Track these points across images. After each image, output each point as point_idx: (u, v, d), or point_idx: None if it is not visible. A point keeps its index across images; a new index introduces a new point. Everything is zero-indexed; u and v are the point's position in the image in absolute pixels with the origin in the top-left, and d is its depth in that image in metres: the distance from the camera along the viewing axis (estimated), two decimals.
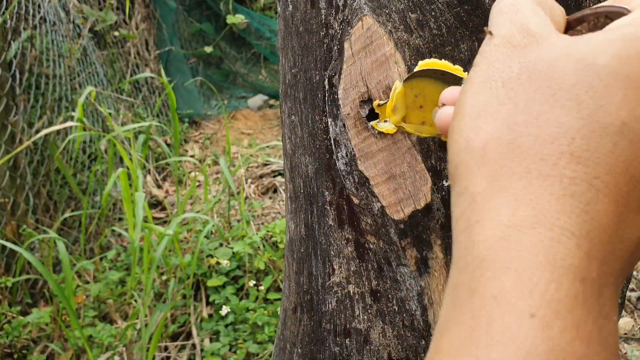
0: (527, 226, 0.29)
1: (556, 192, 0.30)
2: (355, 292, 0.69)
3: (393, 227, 0.65)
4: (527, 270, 0.28)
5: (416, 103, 0.61)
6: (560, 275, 0.28)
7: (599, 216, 0.30)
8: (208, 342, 2.27)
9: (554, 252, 0.28)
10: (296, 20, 0.72)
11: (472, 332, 0.28)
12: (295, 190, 0.76)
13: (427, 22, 0.63)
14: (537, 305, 0.27)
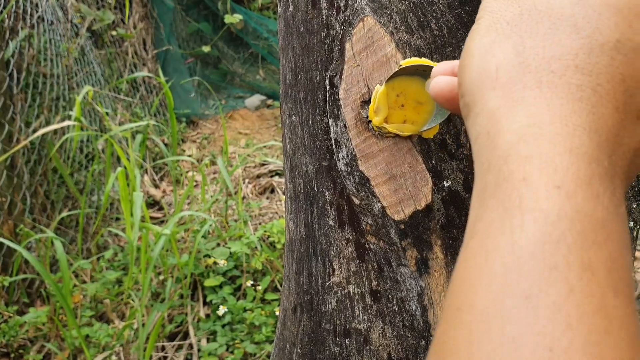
0: (545, 123, 0.33)
1: (566, 97, 0.34)
2: (356, 292, 0.69)
3: (393, 227, 0.65)
4: (549, 156, 0.32)
5: (398, 102, 0.63)
6: (578, 159, 0.32)
7: (604, 117, 0.34)
8: (205, 342, 2.27)
9: (571, 142, 0.32)
10: (297, 21, 0.72)
11: (505, 210, 0.31)
12: (295, 191, 0.76)
13: (428, 23, 0.63)
14: (561, 180, 0.31)
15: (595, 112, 0.34)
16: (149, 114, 3.99)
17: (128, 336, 2.20)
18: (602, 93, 0.34)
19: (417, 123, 0.62)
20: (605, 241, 0.30)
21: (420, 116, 0.62)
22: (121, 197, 2.27)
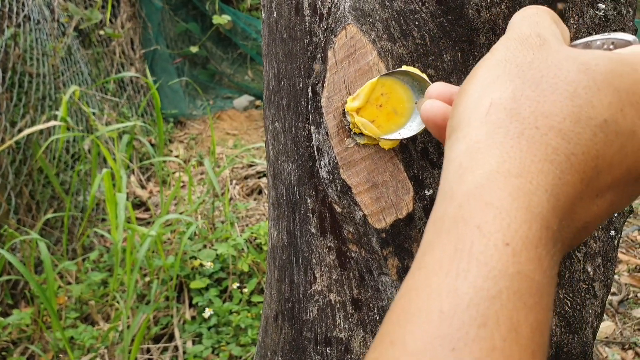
0: (512, 175, 0.35)
1: (540, 155, 0.36)
2: (337, 300, 0.69)
3: (375, 236, 0.65)
4: (506, 209, 0.34)
5: (378, 101, 0.63)
6: (532, 219, 0.34)
7: (568, 185, 0.36)
8: (191, 344, 2.26)
9: (529, 200, 0.34)
10: (280, 27, 0.72)
11: (455, 252, 0.33)
12: (277, 197, 0.75)
13: (411, 31, 0.63)
14: (511, 237, 0.33)
15: (561, 178, 0.36)
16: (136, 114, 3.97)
17: (113, 338, 2.19)
18: (574, 162, 0.36)
19: (382, 128, 0.63)
20: (535, 304, 0.32)
21: (388, 124, 0.63)
22: (106, 198, 2.26)
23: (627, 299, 2.62)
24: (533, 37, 0.42)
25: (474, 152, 0.37)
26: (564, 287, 0.71)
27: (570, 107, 0.37)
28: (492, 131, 0.37)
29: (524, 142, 0.36)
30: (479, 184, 0.35)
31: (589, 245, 0.72)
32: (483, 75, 0.41)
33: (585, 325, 0.71)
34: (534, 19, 0.44)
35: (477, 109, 0.39)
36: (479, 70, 0.42)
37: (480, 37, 0.63)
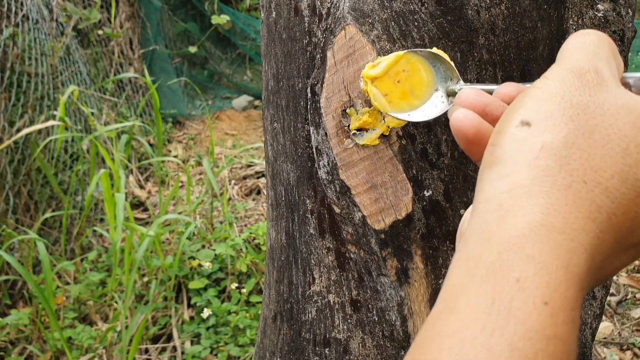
0: (556, 230, 0.34)
1: (584, 212, 0.35)
2: (336, 301, 0.69)
3: (374, 236, 0.65)
4: (547, 265, 0.33)
5: (398, 75, 0.61)
6: (570, 279, 0.33)
7: (604, 244, 0.36)
8: (189, 344, 2.25)
9: (569, 258, 0.34)
10: (279, 28, 0.72)
11: (493, 303, 0.32)
12: (276, 198, 0.75)
13: (410, 32, 0.63)
14: (550, 296, 0.32)
15: (600, 237, 0.35)
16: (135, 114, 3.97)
17: (111, 338, 2.18)
18: (613, 222, 0.36)
19: (392, 105, 0.60)
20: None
21: (400, 102, 0.60)
22: (105, 198, 2.25)
23: (625, 300, 2.62)
24: (591, 73, 0.40)
25: (518, 197, 0.36)
26: None
27: (620, 165, 0.36)
28: (539, 177, 0.36)
29: (570, 195, 0.35)
30: (521, 234, 0.34)
31: None
32: (534, 107, 0.39)
33: (585, 327, 0.71)
34: (593, 50, 0.42)
35: (525, 148, 0.38)
36: (529, 100, 0.40)
37: (480, 38, 0.63)
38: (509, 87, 0.47)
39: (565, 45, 0.43)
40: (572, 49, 0.42)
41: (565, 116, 0.38)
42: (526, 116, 0.39)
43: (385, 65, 0.60)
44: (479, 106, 0.46)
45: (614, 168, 0.36)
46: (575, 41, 0.43)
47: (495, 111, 0.45)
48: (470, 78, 0.64)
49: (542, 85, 0.41)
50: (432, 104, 0.58)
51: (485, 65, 0.64)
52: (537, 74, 0.67)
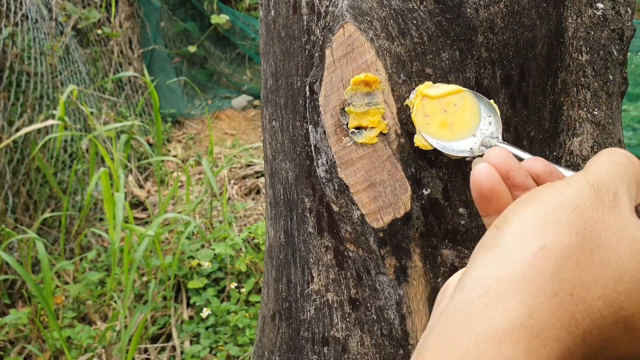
0: (533, 334, 0.35)
1: (563, 323, 0.36)
2: (334, 300, 0.68)
3: (372, 235, 0.65)
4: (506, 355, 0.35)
5: (448, 105, 0.61)
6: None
7: (573, 357, 0.37)
8: (188, 344, 2.25)
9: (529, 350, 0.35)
10: (278, 26, 0.72)
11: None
12: (275, 196, 0.75)
13: (409, 30, 0.63)
14: None
15: (571, 350, 0.36)
16: (134, 113, 3.96)
17: (110, 338, 2.18)
18: (587, 340, 0.37)
19: (429, 127, 0.61)
20: None
21: (437, 129, 0.60)
22: (104, 198, 2.25)
23: None
24: (609, 194, 0.40)
25: (505, 289, 0.37)
26: None
27: (610, 290, 0.37)
28: (530, 276, 0.37)
29: (554, 304, 0.36)
30: (501, 329, 0.35)
31: None
32: (546, 208, 0.40)
33: None
34: (619, 172, 0.42)
35: (526, 243, 0.38)
36: (545, 198, 0.41)
37: (479, 36, 0.63)
38: (538, 162, 0.48)
39: (595, 157, 0.44)
40: (599, 164, 0.43)
41: (572, 227, 0.38)
42: (536, 214, 0.40)
43: (444, 91, 0.61)
44: (504, 168, 0.46)
45: (603, 291, 0.37)
46: (606, 158, 0.43)
47: (517, 178, 0.45)
48: (468, 76, 0.63)
49: (561, 189, 0.41)
50: (464, 145, 0.59)
51: (484, 64, 0.64)
52: (536, 73, 0.67)
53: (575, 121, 0.73)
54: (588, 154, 0.73)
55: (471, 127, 0.59)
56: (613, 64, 0.76)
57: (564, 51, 0.72)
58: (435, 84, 0.62)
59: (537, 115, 0.68)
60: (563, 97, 0.72)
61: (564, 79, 0.72)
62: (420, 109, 0.61)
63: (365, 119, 0.64)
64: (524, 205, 0.41)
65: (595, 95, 0.74)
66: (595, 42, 0.75)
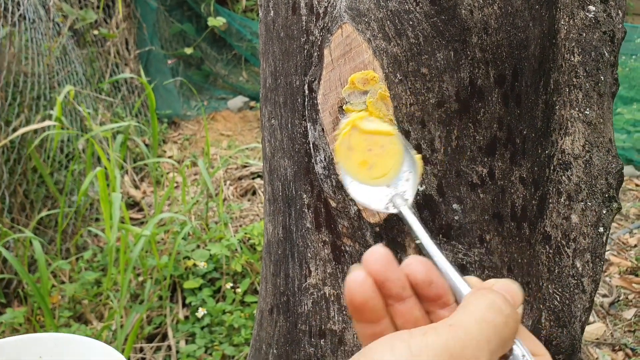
0: None
1: None
2: (331, 293, 0.70)
3: (369, 230, 0.67)
4: None
5: (374, 145, 0.57)
6: None
7: None
8: (184, 343, 2.26)
9: None
10: (277, 26, 0.74)
11: None
12: (274, 193, 0.77)
13: (405, 31, 0.64)
14: None
15: None
16: (130, 114, 3.97)
17: (106, 337, 2.19)
18: None
19: (347, 160, 0.58)
20: None
21: (355, 165, 0.57)
22: (100, 198, 2.26)
23: (617, 301, 2.64)
24: (471, 350, 0.38)
25: None
26: (554, 282, 0.73)
27: None
28: None
29: None
30: None
31: (578, 242, 0.74)
32: (410, 348, 0.38)
33: (574, 320, 0.73)
34: (488, 336, 0.39)
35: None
36: (409, 338, 0.39)
37: (473, 37, 0.65)
38: (420, 267, 0.44)
39: (472, 306, 0.41)
40: (471, 321, 0.40)
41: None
42: (407, 347, 0.38)
43: (376, 128, 0.58)
44: (381, 276, 0.43)
45: None
46: (480, 315, 0.40)
47: (393, 289, 0.43)
48: (463, 76, 0.65)
49: (428, 333, 0.39)
50: (376, 192, 0.56)
51: (478, 64, 0.65)
52: (529, 73, 0.69)
53: (567, 120, 0.75)
54: (580, 153, 0.75)
55: (389, 176, 0.56)
56: (604, 65, 0.78)
57: (556, 52, 0.74)
58: (370, 117, 0.61)
59: (530, 114, 0.69)
60: (555, 97, 0.74)
61: (557, 79, 0.74)
62: (347, 139, 0.58)
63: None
64: (393, 342, 0.39)
65: (587, 96, 0.76)
66: (587, 44, 0.77)
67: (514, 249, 0.69)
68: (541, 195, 0.72)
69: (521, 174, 0.69)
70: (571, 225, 0.74)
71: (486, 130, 0.66)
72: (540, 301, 0.71)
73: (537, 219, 0.72)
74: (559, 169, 0.74)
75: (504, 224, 0.68)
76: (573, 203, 0.74)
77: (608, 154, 0.76)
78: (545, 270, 0.72)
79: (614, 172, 0.75)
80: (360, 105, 0.66)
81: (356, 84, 0.65)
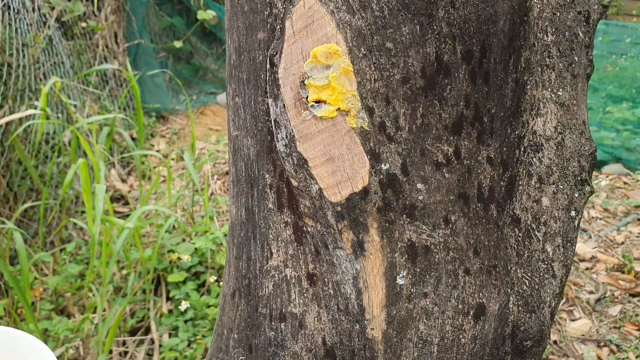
0: None
1: None
2: (292, 275, 0.68)
3: (330, 209, 0.65)
4: None
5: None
6: None
7: None
8: (167, 337, 2.24)
9: None
10: (241, 0, 0.71)
11: None
12: (237, 174, 0.75)
13: (370, 3, 0.62)
14: None
15: None
16: (118, 107, 3.94)
17: (88, 330, 2.16)
18: None
19: None
20: None
21: None
22: (83, 189, 2.23)
23: (603, 298, 2.63)
24: None
25: None
26: (523, 266, 0.71)
27: None
28: None
29: None
30: None
31: (548, 225, 0.72)
32: None
33: (543, 305, 0.71)
34: None
35: None
36: None
37: (440, 11, 0.63)
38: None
39: None
40: None
41: None
42: None
43: None
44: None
45: None
46: None
47: None
48: (429, 51, 0.63)
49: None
50: None
51: (445, 39, 0.63)
52: (498, 49, 0.67)
53: (539, 101, 0.73)
54: (552, 134, 0.73)
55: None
56: (579, 46, 0.76)
57: (528, 30, 0.72)
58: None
59: (499, 92, 0.67)
60: (527, 76, 0.72)
61: (528, 58, 0.72)
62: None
63: (325, 93, 0.63)
64: None
65: (560, 76, 0.74)
66: (561, 23, 0.75)
67: (480, 231, 0.67)
68: (510, 177, 0.70)
69: (489, 154, 0.67)
70: (542, 208, 0.72)
71: (452, 108, 0.64)
72: (509, 285, 0.69)
73: (506, 201, 0.70)
74: (530, 150, 0.72)
75: (470, 204, 0.66)
76: (544, 186, 0.72)
77: (581, 136, 0.74)
78: (514, 254, 0.70)
79: (586, 155, 0.73)
80: (322, 80, 0.63)
81: (318, 58, 0.63)
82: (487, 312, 0.67)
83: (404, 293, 0.65)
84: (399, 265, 0.64)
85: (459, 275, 0.66)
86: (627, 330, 2.43)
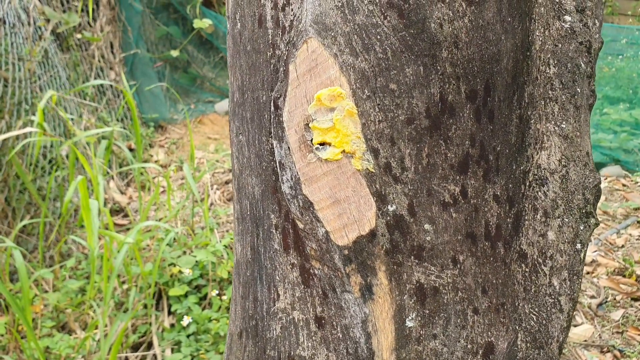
0: None
1: None
2: (300, 318, 0.68)
3: (337, 252, 0.64)
4: None
5: None
6: None
7: None
8: (169, 352, 2.23)
9: None
10: (244, 39, 0.71)
11: None
12: (242, 212, 0.74)
13: (373, 45, 0.62)
14: None
15: None
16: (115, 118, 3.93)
17: (90, 347, 2.16)
18: None
19: None
20: None
21: None
22: (82, 205, 2.23)
23: (605, 302, 2.63)
24: None
25: None
26: (530, 302, 0.71)
27: None
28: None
29: None
30: None
31: (555, 259, 0.72)
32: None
33: (551, 340, 0.70)
34: None
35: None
36: None
37: (443, 51, 0.63)
38: None
39: None
40: None
41: None
42: None
43: None
44: None
45: None
46: None
47: None
48: (433, 92, 0.63)
49: None
50: None
51: (449, 79, 0.63)
52: (502, 87, 0.67)
53: (543, 134, 0.73)
54: (556, 167, 0.73)
55: None
56: (581, 77, 0.76)
57: (531, 64, 0.72)
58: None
59: (504, 129, 0.67)
60: (530, 111, 0.72)
61: (531, 93, 0.72)
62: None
63: (330, 135, 0.63)
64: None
65: (563, 108, 0.74)
66: (562, 55, 0.74)
67: (488, 270, 0.67)
68: (516, 213, 0.70)
69: (495, 192, 0.67)
70: (548, 242, 0.72)
71: (458, 147, 0.64)
72: (516, 322, 0.69)
73: (513, 237, 0.70)
74: (535, 184, 0.72)
75: (477, 243, 0.66)
76: (549, 219, 0.72)
77: (585, 168, 0.74)
78: (522, 290, 0.70)
79: (591, 187, 0.73)
80: (327, 122, 0.63)
81: (322, 101, 0.63)
82: (496, 350, 0.67)
83: (414, 335, 0.65)
84: (408, 307, 0.64)
85: (468, 315, 0.66)
86: (630, 335, 2.43)
